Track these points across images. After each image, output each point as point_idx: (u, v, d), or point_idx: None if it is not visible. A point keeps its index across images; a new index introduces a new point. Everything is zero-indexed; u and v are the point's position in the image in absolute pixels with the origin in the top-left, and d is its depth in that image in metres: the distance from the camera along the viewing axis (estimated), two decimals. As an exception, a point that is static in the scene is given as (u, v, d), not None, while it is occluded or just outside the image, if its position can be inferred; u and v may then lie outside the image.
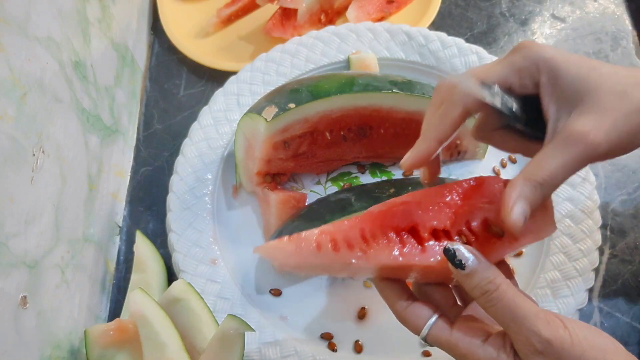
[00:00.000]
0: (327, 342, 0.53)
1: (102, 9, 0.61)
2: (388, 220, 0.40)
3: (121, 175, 0.64)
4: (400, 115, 0.56)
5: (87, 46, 0.56)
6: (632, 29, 0.73)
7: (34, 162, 0.45)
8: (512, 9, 0.76)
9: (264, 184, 0.57)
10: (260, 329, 0.52)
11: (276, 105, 0.52)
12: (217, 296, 0.53)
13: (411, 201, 0.40)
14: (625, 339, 0.54)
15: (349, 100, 0.53)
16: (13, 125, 0.42)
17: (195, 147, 0.60)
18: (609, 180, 0.63)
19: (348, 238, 0.39)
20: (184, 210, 0.57)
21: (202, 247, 0.56)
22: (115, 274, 0.60)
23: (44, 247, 0.46)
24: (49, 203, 0.47)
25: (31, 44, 0.45)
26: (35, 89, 0.45)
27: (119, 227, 0.63)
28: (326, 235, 0.40)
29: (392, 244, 0.39)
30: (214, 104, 0.63)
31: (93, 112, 0.57)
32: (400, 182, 0.57)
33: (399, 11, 0.74)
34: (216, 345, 0.47)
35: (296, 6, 0.69)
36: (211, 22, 0.74)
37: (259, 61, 0.65)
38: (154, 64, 0.73)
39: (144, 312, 0.48)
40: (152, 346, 0.47)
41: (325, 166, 0.60)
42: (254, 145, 0.55)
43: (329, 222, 0.51)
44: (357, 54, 0.64)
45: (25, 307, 0.43)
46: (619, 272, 0.57)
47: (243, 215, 0.59)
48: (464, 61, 0.64)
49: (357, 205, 0.52)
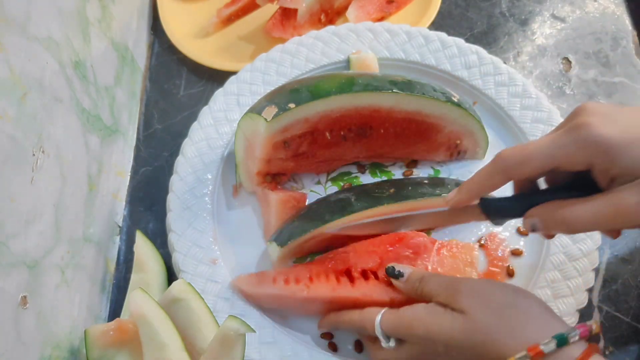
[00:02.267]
0: (327, 342, 0.53)
1: (102, 9, 0.61)
2: (330, 264, 0.52)
3: (121, 175, 0.65)
4: (400, 115, 0.56)
5: (87, 46, 0.56)
6: (632, 29, 0.73)
7: (34, 162, 0.45)
8: (512, 9, 0.76)
9: (264, 184, 0.57)
10: (260, 329, 0.52)
11: (276, 105, 0.52)
12: (217, 296, 0.53)
13: (350, 250, 0.52)
14: (625, 339, 0.54)
15: (349, 100, 0.53)
16: (13, 125, 0.42)
17: (195, 147, 0.60)
18: (609, 180, 0.63)
19: (297, 276, 0.51)
20: (184, 210, 0.57)
21: (202, 247, 0.56)
22: (115, 274, 0.60)
23: (44, 247, 0.46)
24: (49, 203, 0.47)
25: (31, 44, 0.45)
26: (35, 89, 0.45)
27: (119, 227, 0.63)
28: (280, 274, 0.51)
29: (330, 281, 0.51)
30: (214, 104, 0.63)
31: (93, 112, 0.57)
32: (400, 182, 0.57)
33: (399, 11, 0.74)
34: (217, 346, 0.47)
35: (296, 6, 0.69)
36: (211, 22, 0.74)
37: (259, 61, 0.65)
38: (154, 64, 0.73)
39: (144, 312, 0.48)
40: (152, 346, 0.47)
41: (325, 166, 0.60)
42: (254, 145, 0.55)
43: (328, 222, 0.52)
44: (357, 54, 0.64)
45: (25, 307, 0.43)
46: (619, 272, 0.57)
47: (243, 215, 0.59)
48: (464, 61, 0.64)
49: (357, 205, 0.52)
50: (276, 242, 0.52)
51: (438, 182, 0.57)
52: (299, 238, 0.52)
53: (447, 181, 0.57)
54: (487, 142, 0.60)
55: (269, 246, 0.54)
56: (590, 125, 0.35)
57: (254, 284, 0.52)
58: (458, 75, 0.64)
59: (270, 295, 0.51)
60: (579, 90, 0.69)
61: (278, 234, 0.54)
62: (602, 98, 0.68)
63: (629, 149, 0.34)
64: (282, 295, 0.51)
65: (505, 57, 0.72)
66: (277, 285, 0.51)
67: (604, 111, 0.36)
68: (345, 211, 0.52)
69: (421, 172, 0.61)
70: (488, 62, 0.64)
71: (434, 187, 0.55)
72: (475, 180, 0.43)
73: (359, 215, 0.52)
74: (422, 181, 0.56)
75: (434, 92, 0.55)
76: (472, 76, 0.64)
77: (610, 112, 0.36)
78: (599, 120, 0.35)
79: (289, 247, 0.52)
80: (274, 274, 0.52)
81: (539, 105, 0.61)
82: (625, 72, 0.70)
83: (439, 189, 0.55)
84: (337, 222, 0.52)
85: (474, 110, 0.60)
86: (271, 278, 0.52)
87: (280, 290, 0.51)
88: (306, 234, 0.52)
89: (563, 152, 0.36)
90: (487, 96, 0.63)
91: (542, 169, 0.38)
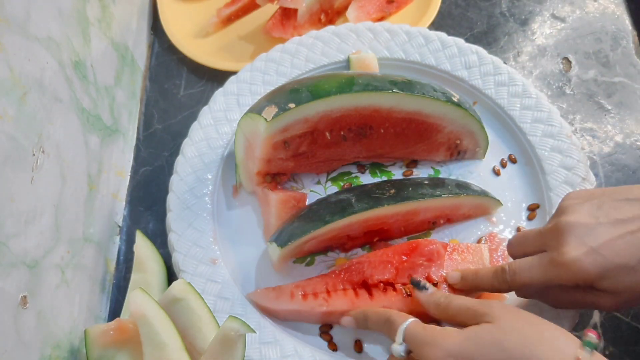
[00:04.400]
0: (327, 342, 0.53)
1: (102, 8, 0.61)
2: (345, 276, 0.52)
3: (121, 175, 0.65)
4: (400, 115, 0.56)
5: (87, 46, 0.56)
6: (632, 29, 0.73)
7: (34, 162, 0.45)
8: (512, 8, 0.76)
9: (264, 184, 0.57)
10: (260, 329, 0.52)
11: (276, 105, 0.52)
12: (217, 296, 0.53)
13: (365, 261, 0.52)
14: (625, 339, 0.54)
15: (349, 100, 0.53)
16: (13, 125, 0.42)
17: (195, 147, 0.60)
18: (609, 180, 0.63)
19: (315, 290, 0.51)
20: (184, 210, 0.57)
21: (202, 247, 0.56)
22: (115, 274, 0.60)
23: (44, 247, 0.46)
24: (49, 203, 0.47)
25: (31, 44, 0.45)
26: (35, 88, 0.45)
27: (119, 227, 0.63)
28: (297, 288, 0.52)
29: (348, 295, 0.51)
30: (214, 103, 0.63)
31: (93, 112, 0.57)
32: (400, 182, 0.57)
33: (399, 11, 0.74)
34: (217, 346, 0.47)
35: (296, 6, 0.69)
36: (211, 22, 0.74)
37: (259, 61, 0.65)
38: (154, 64, 0.73)
39: (144, 312, 0.48)
40: (152, 346, 0.47)
41: (325, 166, 0.60)
42: (254, 145, 0.55)
43: (329, 223, 0.52)
44: (357, 54, 0.64)
45: (25, 307, 0.43)
46: (619, 272, 0.57)
47: (243, 215, 0.59)
48: (464, 61, 0.64)
49: (357, 206, 0.52)
50: (276, 243, 0.52)
51: (438, 183, 0.57)
52: (299, 239, 0.52)
53: (447, 182, 0.57)
54: (487, 142, 0.60)
55: (269, 247, 0.54)
56: (575, 263, 0.41)
57: (272, 298, 0.52)
58: (458, 75, 0.64)
59: (289, 311, 0.51)
60: (579, 90, 0.69)
61: (278, 235, 0.54)
62: (602, 98, 0.68)
63: (606, 278, 0.41)
64: (302, 311, 0.51)
65: (505, 57, 0.72)
66: (295, 300, 0.51)
67: (585, 222, 0.42)
68: (346, 212, 0.52)
69: (421, 172, 0.61)
70: (488, 62, 0.64)
71: (434, 188, 0.55)
72: (478, 281, 0.49)
73: (359, 216, 0.52)
74: (423, 182, 0.56)
75: (434, 92, 0.55)
76: (472, 76, 0.64)
77: (590, 223, 0.42)
78: (580, 245, 0.41)
79: (289, 247, 0.52)
80: (291, 287, 0.52)
81: (539, 105, 0.61)
82: (625, 72, 0.70)
83: (439, 190, 0.55)
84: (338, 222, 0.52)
85: (474, 110, 0.60)
86: (289, 292, 0.52)
87: (300, 306, 0.51)
88: (306, 235, 0.52)
89: (555, 279, 0.43)
90: (487, 96, 0.63)
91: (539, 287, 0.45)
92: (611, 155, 0.64)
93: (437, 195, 0.54)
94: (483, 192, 0.57)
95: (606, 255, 0.40)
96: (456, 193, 0.55)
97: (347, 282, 0.52)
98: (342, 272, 0.52)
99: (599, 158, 0.64)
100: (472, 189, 0.57)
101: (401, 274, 0.51)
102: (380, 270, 0.51)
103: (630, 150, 0.65)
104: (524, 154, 0.61)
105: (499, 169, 0.61)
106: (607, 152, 0.65)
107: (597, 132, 0.66)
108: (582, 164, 0.57)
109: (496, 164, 0.61)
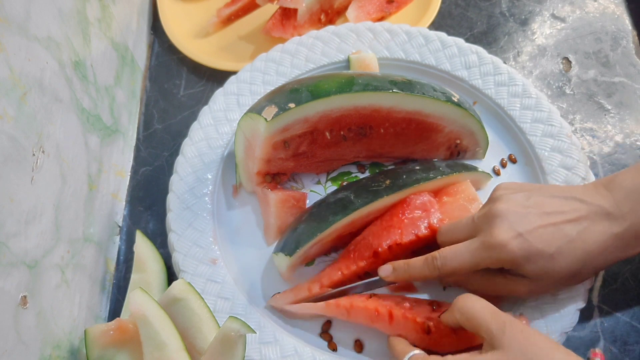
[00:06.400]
0: (327, 342, 0.53)
1: (102, 8, 0.61)
2: (354, 255, 0.53)
3: (121, 175, 0.65)
4: (400, 115, 0.56)
5: (87, 46, 0.56)
6: (632, 29, 0.73)
7: (34, 162, 0.45)
8: (512, 8, 0.76)
9: (264, 184, 0.57)
10: (261, 329, 0.52)
11: (276, 105, 0.52)
12: (217, 296, 0.53)
13: (368, 234, 0.53)
14: (625, 339, 0.54)
15: (349, 100, 0.53)
16: (13, 125, 0.42)
17: (195, 147, 0.60)
18: (609, 180, 0.63)
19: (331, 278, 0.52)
20: (184, 210, 0.57)
21: (202, 247, 0.56)
22: (115, 273, 0.60)
23: (44, 247, 0.46)
24: (49, 203, 0.47)
25: (31, 44, 0.45)
26: (35, 88, 0.45)
27: (119, 227, 0.63)
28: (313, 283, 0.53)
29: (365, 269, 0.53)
30: (214, 103, 0.63)
31: (93, 111, 0.57)
32: (393, 171, 0.57)
33: (399, 11, 0.74)
34: (217, 346, 0.47)
35: (296, 6, 0.69)
36: (211, 22, 0.74)
37: (259, 61, 0.65)
38: (154, 64, 0.73)
39: (144, 311, 0.48)
40: (152, 346, 0.47)
41: (325, 166, 0.60)
42: (254, 145, 0.55)
43: (332, 223, 0.51)
44: (357, 54, 0.64)
45: (25, 307, 0.43)
46: (619, 272, 0.57)
47: (243, 215, 0.59)
48: (463, 61, 0.64)
49: (357, 202, 0.52)
50: (283, 253, 0.52)
51: (429, 166, 0.57)
52: (307, 244, 0.51)
53: (437, 164, 0.58)
54: (487, 142, 0.60)
55: (275, 258, 0.53)
56: (504, 246, 0.44)
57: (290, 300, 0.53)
58: (458, 75, 0.64)
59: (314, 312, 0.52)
60: (579, 90, 0.69)
61: (283, 244, 0.53)
62: (602, 98, 0.68)
63: (529, 262, 0.45)
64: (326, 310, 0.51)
65: (505, 57, 0.72)
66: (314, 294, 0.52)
67: (516, 210, 0.45)
68: (348, 209, 0.52)
69: (421, 172, 0.62)
70: (488, 62, 0.64)
71: (427, 172, 0.56)
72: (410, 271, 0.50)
73: (361, 211, 0.52)
74: (414, 168, 0.57)
75: (434, 92, 0.55)
76: (472, 76, 0.64)
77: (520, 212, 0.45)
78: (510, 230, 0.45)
79: (297, 255, 0.51)
80: (307, 284, 0.53)
81: (539, 105, 0.61)
82: (625, 72, 0.70)
83: (432, 172, 0.55)
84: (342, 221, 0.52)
85: (474, 110, 0.60)
86: (306, 289, 0.52)
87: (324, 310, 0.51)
88: (313, 239, 0.51)
89: (484, 262, 0.46)
90: (487, 96, 0.63)
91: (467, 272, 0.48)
92: (611, 155, 0.64)
93: (431, 177, 0.55)
94: (472, 167, 0.59)
95: (531, 241, 0.44)
96: (448, 173, 0.56)
97: (359, 260, 0.52)
98: (350, 252, 0.53)
99: (599, 158, 0.64)
100: (461, 165, 0.58)
101: (405, 232, 0.52)
102: (386, 236, 0.52)
103: (630, 150, 0.65)
104: (524, 154, 0.61)
105: (499, 169, 0.61)
106: (607, 152, 0.65)
107: (597, 132, 0.66)
108: (582, 164, 0.57)
109: (496, 164, 0.61)
